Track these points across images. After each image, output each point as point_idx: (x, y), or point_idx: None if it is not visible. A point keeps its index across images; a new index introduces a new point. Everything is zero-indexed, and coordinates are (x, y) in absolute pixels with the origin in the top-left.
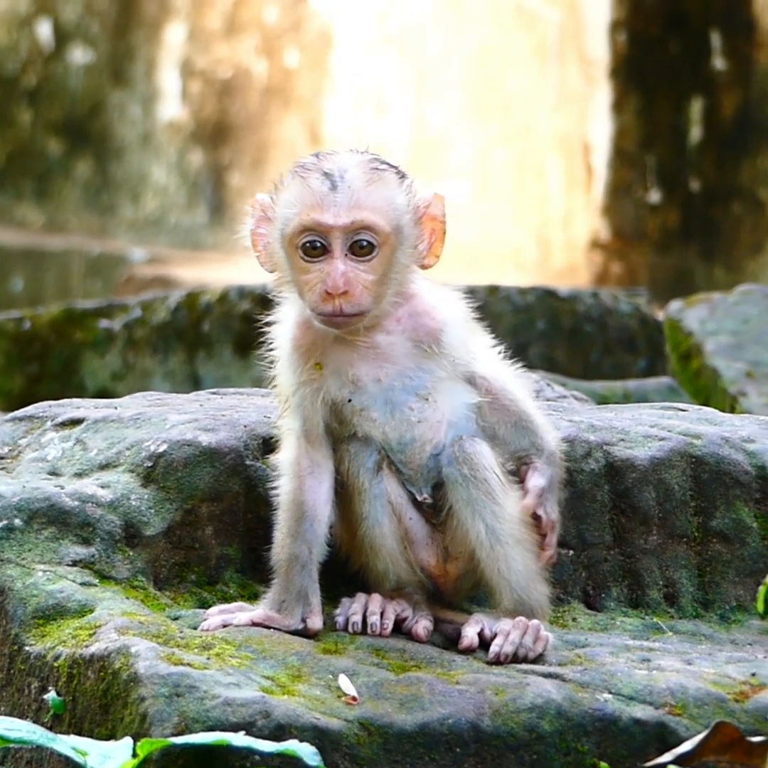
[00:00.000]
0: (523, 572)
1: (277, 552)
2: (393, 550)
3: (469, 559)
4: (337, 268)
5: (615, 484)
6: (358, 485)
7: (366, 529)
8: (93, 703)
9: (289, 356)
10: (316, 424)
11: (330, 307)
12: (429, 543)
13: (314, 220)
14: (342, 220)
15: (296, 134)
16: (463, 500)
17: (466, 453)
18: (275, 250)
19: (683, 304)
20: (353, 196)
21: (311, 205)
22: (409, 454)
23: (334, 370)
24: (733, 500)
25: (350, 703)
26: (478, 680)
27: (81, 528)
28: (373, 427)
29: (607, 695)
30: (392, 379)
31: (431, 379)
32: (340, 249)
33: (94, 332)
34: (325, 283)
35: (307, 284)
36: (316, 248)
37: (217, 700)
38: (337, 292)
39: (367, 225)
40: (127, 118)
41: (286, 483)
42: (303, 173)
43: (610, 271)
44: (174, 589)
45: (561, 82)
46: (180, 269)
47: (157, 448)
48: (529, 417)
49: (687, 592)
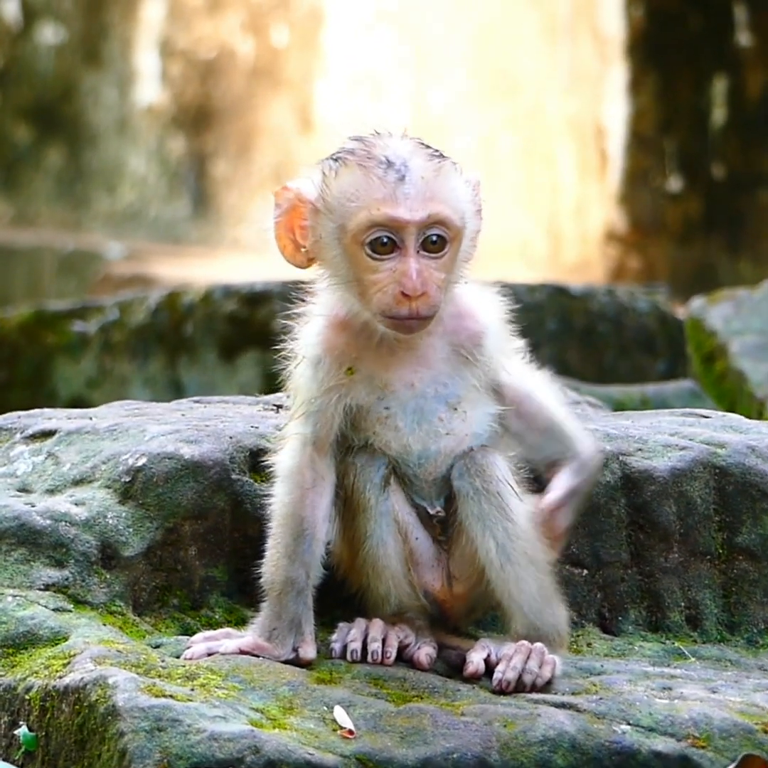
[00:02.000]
0: (537, 595)
1: (270, 572)
2: (396, 572)
3: (477, 581)
4: (413, 267)
5: (632, 498)
6: (364, 502)
7: (369, 548)
8: (68, 738)
9: (315, 359)
10: (328, 432)
11: (406, 310)
12: (435, 565)
13: (387, 215)
14: (418, 215)
15: (285, 119)
16: (474, 515)
17: (478, 464)
18: (327, 246)
19: (706, 301)
20: (426, 188)
21: (381, 199)
22: (427, 467)
23: (367, 375)
24: (760, 514)
25: (346, 736)
26: (484, 711)
27: (54, 549)
28: (395, 437)
29: (625, 726)
30: (426, 385)
31: (463, 387)
32: (414, 246)
33: (67, 336)
34: (402, 284)
35: (376, 285)
36: (385, 245)
37: (202, 734)
38: (416, 294)
39: (441, 219)
40: (102, 102)
41: (285, 493)
42: (360, 161)
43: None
44: (155, 614)
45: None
46: (160, 266)
47: (135, 461)
48: (559, 423)
49: (711, 614)
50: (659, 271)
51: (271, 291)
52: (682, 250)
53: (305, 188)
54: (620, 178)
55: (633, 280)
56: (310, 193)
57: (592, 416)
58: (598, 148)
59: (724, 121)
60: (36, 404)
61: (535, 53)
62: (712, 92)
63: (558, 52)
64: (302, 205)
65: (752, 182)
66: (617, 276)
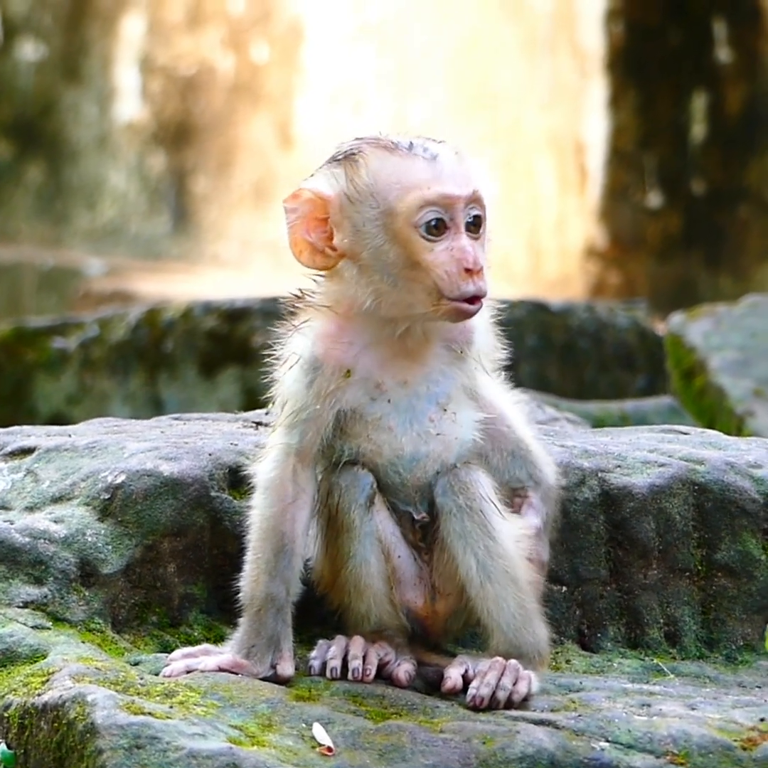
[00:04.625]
0: (516, 614)
1: (249, 588)
2: (378, 591)
3: (458, 598)
4: (467, 242)
5: (611, 515)
6: (348, 522)
7: (352, 568)
8: (46, 755)
9: (313, 364)
10: (314, 442)
11: (472, 287)
12: (417, 583)
13: (439, 192)
14: (466, 190)
15: (265, 135)
16: (456, 532)
17: (462, 482)
18: (369, 236)
19: (685, 317)
20: (460, 167)
21: (429, 179)
22: (416, 472)
23: (362, 376)
24: (739, 531)
25: (325, 754)
26: (463, 728)
27: (32, 566)
28: (387, 439)
29: (603, 743)
30: (418, 383)
31: (453, 385)
32: (464, 223)
33: (47, 352)
34: (464, 260)
35: (436, 266)
36: (438, 225)
37: (180, 752)
38: (477, 268)
39: (480, 196)
40: (82, 118)
41: (265, 506)
42: (387, 148)
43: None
44: (134, 631)
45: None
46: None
47: (114, 478)
48: (527, 447)
49: (690, 630)
50: (639, 286)
51: (251, 307)
52: (662, 266)
53: (321, 186)
54: (600, 193)
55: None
56: (328, 189)
57: (571, 433)
58: (577, 163)
59: (704, 136)
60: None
61: (515, 68)
62: (692, 108)
63: (538, 67)
64: (324, 203)
65: (732, 198)
66: (597, 291)
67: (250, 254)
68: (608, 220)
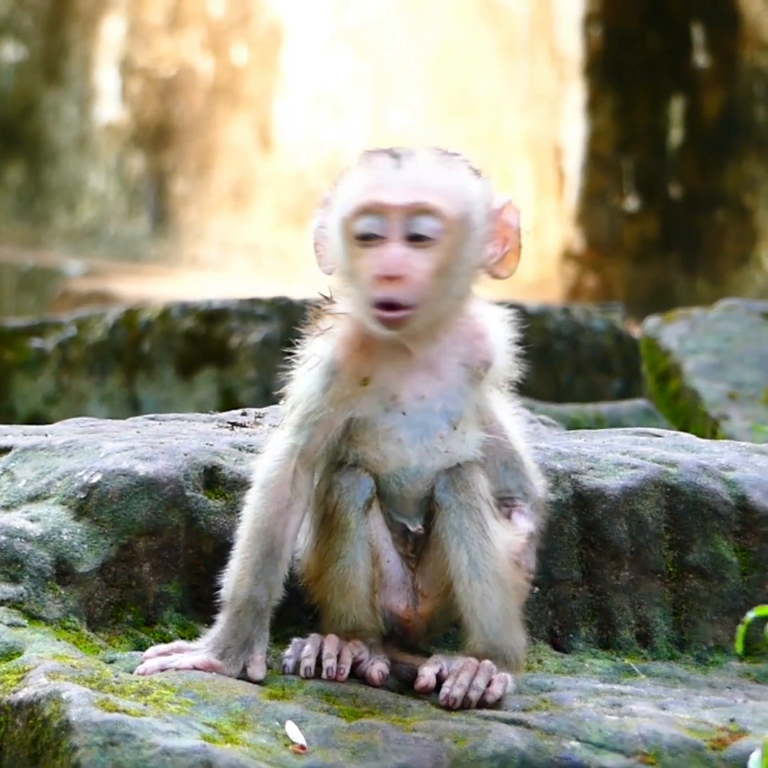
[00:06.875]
0: (499, 615)
1: (232, 587)
2: (361, 593)
3: (444, 596)
4: (392, 250)
5: (584, 516)
6: (344, 523)
7: (340, 568)
8: (21, 752)
9: (327, 372)
10: (319, 445)
11: (382, 293)
12: (401, 587)
13: (371, 200)
14: (402, 200)
15: (245, 137)
16: (452, 528)
17: (464, 480)
18: (333, 242)
19: (661, 321)
20: (420, 177)
21: (371, 186)
22: (417, 484)
23: (380, 385)
24: (711, 533)
25: (298, 752)
26: (435, 727)
27: (8, 565)
28: (395, 450)
29: (574, 743)
30: (434, 399)
31: (467, 405)
32: (398, 232)
33: (25, 352)
34: (378, 266)
35: (361, 271)
36: (372, 232)
37: (154, 749)
38: (388, 274)
39: (430, 208)
40: (62, 119)
41: (261, 505)
42: (369, 157)
43: (583, 284)
44: (109, 630)
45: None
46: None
47: (90, 478)
48: (520, 459)
49: (661, 631)
50: (616, 290)
51: (229, 308)
52: (639, 270)
53: (325, 195)
54: (578, 197)
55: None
56: (328, 195)
57: (545, 435)
58: (555, 167)
59: (682, 141)
60: None
61: (493, 72)
62: (670, 112)
63: (516, 71)
64: (322, 212)
65: (709, 202)
66: (574, 295)
67: (229, 256)
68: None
